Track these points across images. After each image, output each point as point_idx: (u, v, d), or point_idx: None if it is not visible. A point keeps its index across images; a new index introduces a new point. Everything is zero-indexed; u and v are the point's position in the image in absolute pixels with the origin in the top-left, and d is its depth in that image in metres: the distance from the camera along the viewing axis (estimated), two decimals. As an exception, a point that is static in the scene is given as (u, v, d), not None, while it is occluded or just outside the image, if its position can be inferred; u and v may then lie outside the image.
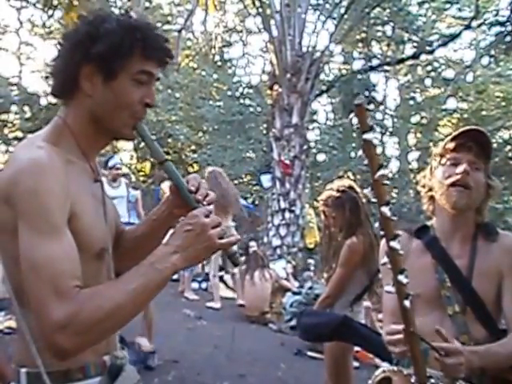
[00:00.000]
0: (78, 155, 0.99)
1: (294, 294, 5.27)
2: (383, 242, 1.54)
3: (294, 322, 4.56)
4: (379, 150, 16.02)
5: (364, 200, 2.72)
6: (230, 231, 3.95)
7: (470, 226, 1.45)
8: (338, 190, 2.70)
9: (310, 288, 5.06)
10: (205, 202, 1.00)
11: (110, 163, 5.42)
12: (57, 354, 0.85)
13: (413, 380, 1.23)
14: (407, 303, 1.10)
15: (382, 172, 1.06)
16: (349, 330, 2.58)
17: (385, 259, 1.11)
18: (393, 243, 1.09)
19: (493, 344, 1.32)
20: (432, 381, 1.23)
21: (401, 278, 1.10)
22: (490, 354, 1.29)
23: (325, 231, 2.85)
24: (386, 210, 1.07)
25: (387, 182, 1.09)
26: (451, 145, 1.42)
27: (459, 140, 1.41)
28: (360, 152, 13.91)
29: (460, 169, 1.38)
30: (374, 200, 1.08)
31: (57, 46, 1.02)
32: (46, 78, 1.63)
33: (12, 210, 0.88)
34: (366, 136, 1.05)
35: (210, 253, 0.96)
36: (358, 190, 2.76)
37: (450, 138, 1.44)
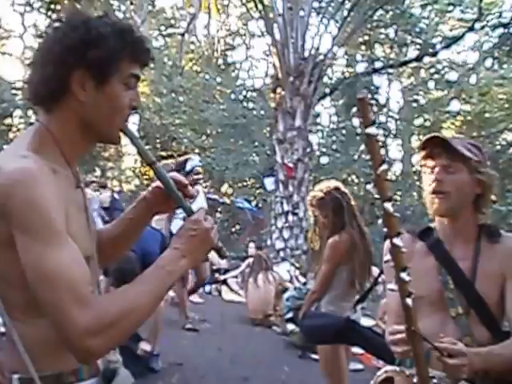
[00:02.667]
0: (61, 163, 0.97)
1: (295, 289, 5.38)
2: (387, 242, 1.54)
3: (290, 315, 4.59)
4: (382, 152, 15.96)
5: (352, 202, 2.84)
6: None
7: (471, 227, 1.45)
8: (322, 191, 2.81)
9: (304, 284, 5.11)
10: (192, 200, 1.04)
11: (188, 166, 4.40)
12: (85, 358, 0.88)
13: (415, 380, 1.23)
14: (409, 301, 1.09)
15: (384, 167, 1.04)
16: (352, 332, 2.60)
17: (388, 257, 1.10)
18: (396, 240, 1.07)
19: (496, 346, 1.32)
20: (434, 381, 1.23)
21: (403, 275, 1.08)
22: (493, 356, 1.28)
23: (314, 230, 2.97)
24: (388, 205, 1.05)
25: (390, 178, 1.07)
26: (422, 154, 1.44)
27: (427, 149, 1.43)
28: (363, 155, 13.90)
29: (432, 177, 1.41)
30: (376, 196, 1.07)
31: (40, 51, 0.98)
32: (27, 84, 1.52)
33: (5, 223, 0.86)
34: (369, 130, 1.02)
35: (209, 253, 1.04)
36: (345, 190, 2.86)
37: (420, 147, 1.46)
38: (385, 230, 1.10)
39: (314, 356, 4.42)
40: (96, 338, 0.84)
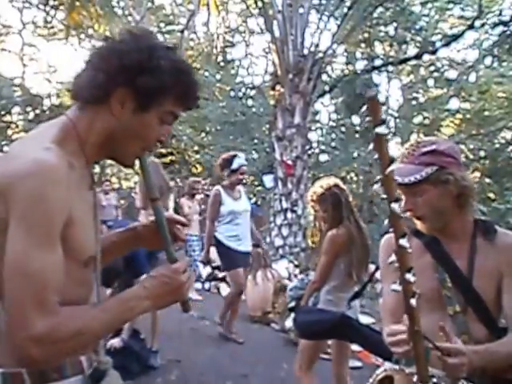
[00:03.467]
0: (80, 160, 0.98)
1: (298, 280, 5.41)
2: (383, 240, 1.55)
3: (292, 304, 4.63)
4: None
5: (350, 198, 2.98)
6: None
7: (464, 225, 1.45)
8: (322, 187, 2.94)
9: (307, 275, 5.16)
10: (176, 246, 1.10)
11: (235, 165, 4.14)
12: (26, 362, 0.88)
13: (415, 379, 1.22)
14: (414, 302, 1.09)
15: (392, 167, 1.02)
16: (347, 327, 2.64)
17: (392, 257, 1.10)
18: (402, 241, 1.07)
19: (492, 343, 1.32)
20: (434, 380, 1.22)
21: (408, 276, 1.08)
22: (490, 354, 1.28)
23: (314, 223, 3.12)
24: (395, 206, 1.05)
25: (398, 179, 1.05)
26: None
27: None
28: (363, 153, 13.90)
29: (403, 207, 1.40)
30: (383, 196, 1.06)
31: (99, 53, 1.00)
32: (75, 78, 1.51)
33: (6, 208, 0.86)
34: (378, 130, 1.01)
35: (173, 303, 1.05)
36: (344, 187, 3.00)
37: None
38: (390, 230, 1.09)
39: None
40: (40, 348, 0.84)
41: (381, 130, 1.01)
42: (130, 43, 0.98)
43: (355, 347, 3.60)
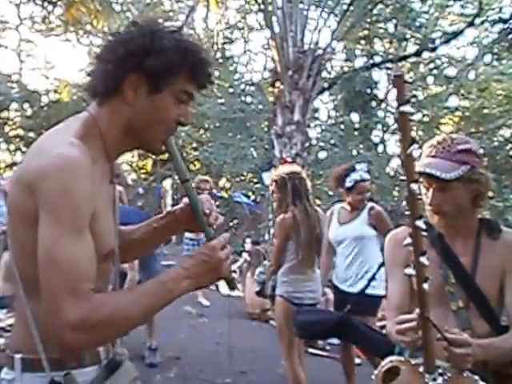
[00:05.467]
0: (102, 155, 1.00)
1: (263, 266, 5.47)
2: (389, 236, 1.53)
3: (257, 289, 4.64)
4: (381, 148, 16.01)
5: (303, 184, 3.03)
6: None
7: (471, 223, 1.46)
8: (278, 174, 3.08)
9: (270, 260, 5.26)
10: (214, 226, 1.07)
11: (349, 182, 3.21)
12: (62, 348, 0.89)
13: (421, 370, 1.23)
14: (426, 286, 1.08)
15: (413, 147, 1.00)
16: (347, 328, 2.62)
17: (408, 240, 1.07)
18: (418, 222, 1.05)
19: (496, 338, 1.34)
20: (439, 371, 1.23)
21: (422, 259, 1.06)
22: (493, 349, 1.30)
23: (272, 207, 3.21)
24: (415, 187, 1.03)
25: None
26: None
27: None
28: (362, 150, 13.91)
29: (428, 200, 1.39)
30: (402, 178, 1.03)
31: (106, 48, 1.02)
32: (88, 75, 1.00)
33: (34, 201, 0.88)
34: (403, 108, 1.00)
35: (216, 281, 1.04)
36: (296, 174, 3.06)
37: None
38: (407, 212, 1.07)
39: (311, 350, 4.44)
40: (75, 334, 0.85)
41: (406, 108, 1.00)
42: (133, 31, 1.01)
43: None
